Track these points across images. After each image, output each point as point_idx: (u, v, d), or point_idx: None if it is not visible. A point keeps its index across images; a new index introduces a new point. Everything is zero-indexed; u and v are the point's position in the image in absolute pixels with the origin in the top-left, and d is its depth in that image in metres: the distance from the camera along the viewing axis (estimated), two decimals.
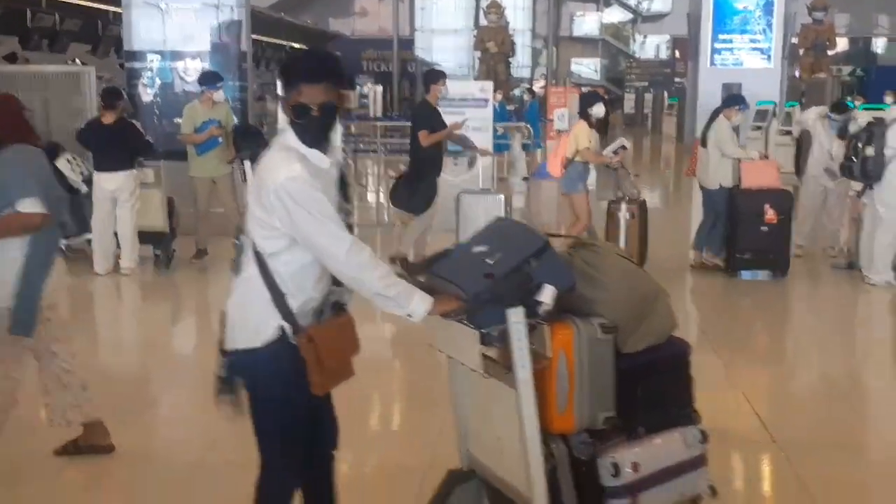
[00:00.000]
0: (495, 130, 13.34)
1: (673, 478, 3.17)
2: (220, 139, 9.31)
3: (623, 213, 8.77)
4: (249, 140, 9.15)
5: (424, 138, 8.65)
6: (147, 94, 11.58)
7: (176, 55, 11.60)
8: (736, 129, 9.26)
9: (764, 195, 8.79)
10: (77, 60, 20.51)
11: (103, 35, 19.29)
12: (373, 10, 43.32)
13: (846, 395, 6.03)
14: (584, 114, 9.01)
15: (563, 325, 3.02)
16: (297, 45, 32.09)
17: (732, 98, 9.66)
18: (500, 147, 14.44)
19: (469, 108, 11.46)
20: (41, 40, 18.34)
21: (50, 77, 11.05)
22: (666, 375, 3.24)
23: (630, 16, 46.06)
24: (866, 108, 13.92)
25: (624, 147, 9.26)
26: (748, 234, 8.80)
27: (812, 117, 10.34)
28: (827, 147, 9.70)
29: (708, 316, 8.15)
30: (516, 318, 2.87)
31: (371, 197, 14.55)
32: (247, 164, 8.95)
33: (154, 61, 11.65)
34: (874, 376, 6.55)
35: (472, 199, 9.25)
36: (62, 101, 11.05)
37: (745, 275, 9.01)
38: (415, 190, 8.84)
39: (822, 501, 4.27)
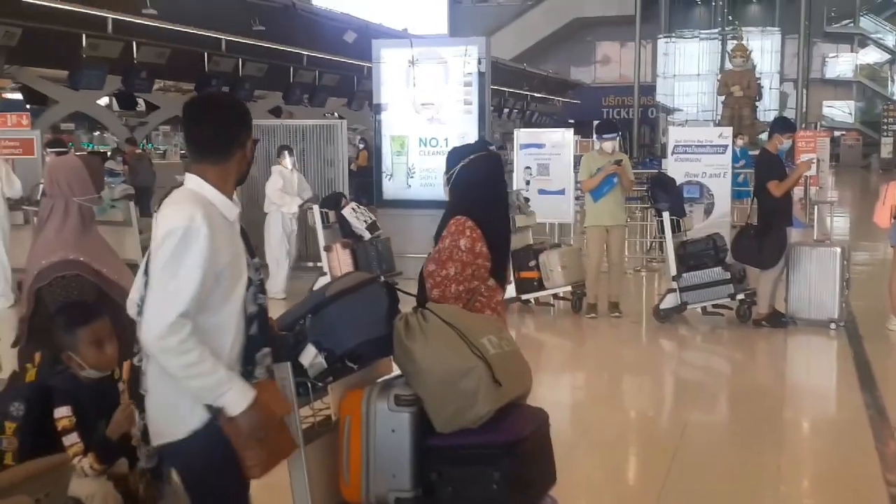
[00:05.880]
0: (735, 177, 12.94)
1: None
2: (616, 179, 8.94)
3: None
4: (669, 190, 9.10)
5: (775, 188, 8.29)
6: None
7: None
8: None
9: None
10: (335, 114, 22.04)
11: (357, 89, 20.53)
12: (614, 57, 43.49)
13: None
14: None
15: (355, 391, 2.88)
16: (538, 94, 32.72)
17: None
18: (741, 195, 13.94)
19: (707, 154, 11.27)
20: (302, 95, 19.80)
21: (306, 129, 12.27)
22: (474, 467, 2.82)
23: (887, 56, 43.40)
24: None
25: None
26: None
27: None
28: None
29: None
30: (280, 374, 2.76)
31: None
32: (666, 215, 8.92)
33: None
34: None
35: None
36: (317, 152, 12.08)
37: None
38: (764, 242, 8.42)
39: None
